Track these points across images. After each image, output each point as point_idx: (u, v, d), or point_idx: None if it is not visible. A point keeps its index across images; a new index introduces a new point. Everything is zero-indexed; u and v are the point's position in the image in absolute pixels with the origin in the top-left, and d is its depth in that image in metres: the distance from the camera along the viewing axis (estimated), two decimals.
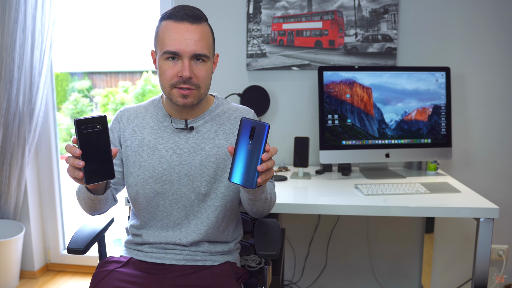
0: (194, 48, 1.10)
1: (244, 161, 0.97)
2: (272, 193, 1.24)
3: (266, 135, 0.95)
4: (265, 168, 0.96)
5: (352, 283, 2.26)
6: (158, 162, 1.20)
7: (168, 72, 1.13)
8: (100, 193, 1.13)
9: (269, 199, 1.19)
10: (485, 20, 1.99)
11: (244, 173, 0.97)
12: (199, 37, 1.11)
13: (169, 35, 1.11)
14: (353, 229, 2.21)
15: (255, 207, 1.17)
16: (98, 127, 0.93)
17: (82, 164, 0.92)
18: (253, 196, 1.11)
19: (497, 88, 2.03)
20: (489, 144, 2.07)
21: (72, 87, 7.76)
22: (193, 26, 1.11)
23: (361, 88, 1.90)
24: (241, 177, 0.97)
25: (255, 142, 0.96)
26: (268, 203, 1.20)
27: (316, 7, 2.04)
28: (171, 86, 1.14)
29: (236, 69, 2.14)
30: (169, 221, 1.22)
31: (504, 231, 2.11)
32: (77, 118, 0.91)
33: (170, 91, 1.15)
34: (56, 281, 2.44)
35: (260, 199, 1.13)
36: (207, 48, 1.13)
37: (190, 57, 1.11)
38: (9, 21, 2.14)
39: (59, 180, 2.53)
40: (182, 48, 1.10)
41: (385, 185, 1.69)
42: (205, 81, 1.16)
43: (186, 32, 1.10)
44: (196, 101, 1.16)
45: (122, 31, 7.67)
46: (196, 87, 1.14)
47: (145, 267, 1.22)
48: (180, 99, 1.14)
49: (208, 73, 1.16)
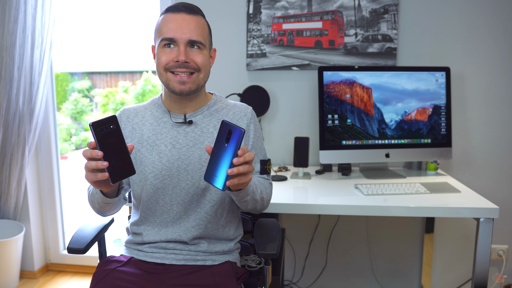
0: (189, 35, 1.14)
1: (217, 163, 0.98)
2: (265, 193, 1.23)
3: (239, 140, 0.95)
4: (235, 172, 0.95)
5: (352, 283, 2.26)
6: (157, 157, 1.21)
7: (164, 58, 1.16)
8: (114, 195, 1.15)
9: (258, 200, 1.18)
10: (485, 20, 1.99)
11: (216, 173, 0.98)
12: (195, 26, 1.16)
13: (166, 24, 1.15)
14: (353, 229, 2.21)
15: (243, 206, 1.18)
16: (112, 126, 0.95)
17: (106, 164, 0.94)
18: (235, 197, 1.12)
19: (497, 88, 2.03)
20: (489, 144, 2.07)
21: (72, 87, 7.77)
22: (189, 16, 1.16)
23: (361, 88, 1.90)
24: (213, 177, 0.98)
25: (229, 146, 0.96)
26: (260, 203, 1.20)
27: (316, 7, 2.04)
28: (165, 70, 1.16)
29: (236, 69, 2.15)
30: (169, 217, 1.22)
31: (504, 231, 2.11)
32: (91, 121, 0.93)
33: (166, 76, 1.17)
34: (56, 281, 2.44)
35: (245, 200, 1.13)
36: (202, 37, 1.17)
37: (186, 43, 1.15)
38: (9, 21, 2.14)
39: (59, 180, 2.53)
40: (178, 35, 1.14)
41: (385, 185, 1.69)
42: (204, 66, 1.18)
43: (182, 21, 1.15)
44: (194, 87, 1.18)
45: (122, 31, 7.67)
46: (195, 70, 1.16)
47: (145, 267, 1.22)
48: (177, 85, 1.16)
49: (205, 59, 1.18)
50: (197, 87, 1.19)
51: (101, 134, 0.94)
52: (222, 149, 0.97)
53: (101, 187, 1.04)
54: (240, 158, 0.95)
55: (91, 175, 0.97)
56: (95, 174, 0.96)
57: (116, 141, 0.96)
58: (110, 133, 0.95)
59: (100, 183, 1.00)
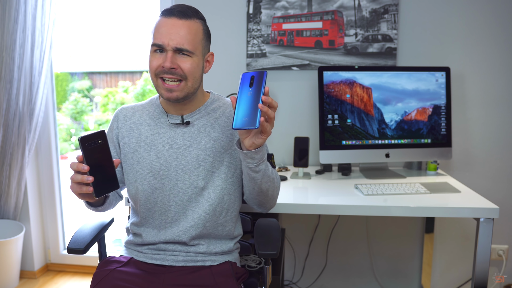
0: (176, 42, 1.13)
1: (246, 106, 1.01)
2: (275, 174, 1.22)
3: (264, 80, 1.01)
4: (266, 109, 0.99)
5: (352, 283, 2.26)
6: (155, 157, 1.21)
7: (153, 63, 1.16)
8: (99, 204, 1.19)
9: (271, 176, 1.17)
10: (485, 20, 1.99)
11: (246, 116, 1.00)
12: (185, 32, 1.13)
13: (158, 29, 1.15)
14: (353, 229, 2.21)
15: (257, 185, 1.15)
16: (100, 141, 0.97)
17: (92, 179, 0.96)
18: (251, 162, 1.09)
19: (497, 88, 2.03)
20: (489, 144, 2.07)
21: (72, 87, 7.76)
22: (180, 21, 1.14)
23: (361, 88, 1.90)
24: (244, 121, 1.00)
25: (255, 88, 1.01)
26: (271, 183, 1.18)
27: (316, 7, 2.04)
28: (156, 75, 1.16)
29: (236, 69, 2.14)
30: (167, 217, 1.22)
31: (504, 231, 2.11)
32: (80, 136, 0.95)
33: (156, 82, 1.17)
34: (56, 281, 2.44)
35: (260, 170, 1.11)
36: (192, 43, 1.14)
37: (173, 50, 1.13)
38: (9, 21, 2.14)
39: (59, 180, 2.53)
40: (166, 41, 1.13)
41: (385, 185, 1.69)
42: (191, 74, 1.15)
43: (172, 27, 1.13)
44: (182, 95, 1.17)
45: (122, 31, 7.67)
46: (182, 78, 1.15)
47: (145, 267, 1.22)
48: (164, 92, 1.16)
49: (193, 66, 1.15)
50: (186, 95, 1.17)
51: (89, 149, 0.96)
52: (248, 93, 1.01)
53: (85, 199, 1.06)
54: (268, 97, 0.99)
55: (76, 187, 0.99)
56: (80, 186, 0.98)
57: (103, 156, 0.98)
58: (98, 148, 0.97)
59: (84, 195, 1.02)
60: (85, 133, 0.98)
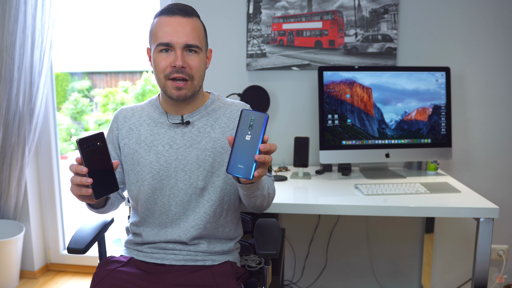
0: (186, 39, 1.13)
1: (242, 151, 0.94)
2: (271, 189, 1.22)
3: (265, 126, 0.94)
4: (263, 159, 0.93)
5: (352, 283, 2.26)
6: (155, 158, 1.21)
7: (162, 64, 1.15)
8: (100, 206, 1.18)
9: (266, 195, 1.18)
10: (485, 20, 1.99)
11: (242, 163, 0.94)
12: (191, 29, 1.15)
13: (162, 28, 1.14)
14: (353, 229, 2.21)
15: (252, 203, 1.16)
16: (99, 143, 0.97)
17: (91, 181, 0.95)
18: (247, 192, 1.09)
19: (497, 88, 2.03)
20: (489, 144, 2.07)
21: (72, 87, 7.76)
22: (184, 19, 1.15)
23: (361, 88, 1.90)
24: (239, 168, 0.95)
25: (254, 133, 0.94)
26: (266, 198, 1.19)
27: (316, 7, 2.04)
28: (165, 77, 1.16)
29: (236, 69, 2.14)
30: (167, 217, 1.22)
31: (504, 231, 2.11)
32: (78, 138, 0.95)
33: (165, 83, 1.17)
34: (56, 281, 2.44)
35: (255, 195, 1.12)
36: (198, 40, 1.16)
37: (183, 47, 1.14)
38: (9, 21, 2.14)
39: (59, 180, 2.53)
40: (174, 39, 1.13)
41: (385, 185, 1.69)
42: (198, 72, 1.17)
43: (178, 25, 1.14)
44: (190, 93, 1.18)
45: (122, 31, 7.67)
46: (190, 77, 1.16)
47: (145, 267, 1.22)
48: (174, 91, 1.16)
49: (201, 64, 1.18)
50: (193, 93, 1.19)
51: (88, 151, 0.95)
52: (245, 137, 0.95)
53: (85, 201, 1.06)
54: (266, 145, 0.93)
55: (75, 189, 0.98)
56: (79, 188, 0.98)
57: (102, 158, 0.98)
58: (96, 149, 0.97)
59: (84, 197, 1.02)
60: (84, 135, 0.97)
